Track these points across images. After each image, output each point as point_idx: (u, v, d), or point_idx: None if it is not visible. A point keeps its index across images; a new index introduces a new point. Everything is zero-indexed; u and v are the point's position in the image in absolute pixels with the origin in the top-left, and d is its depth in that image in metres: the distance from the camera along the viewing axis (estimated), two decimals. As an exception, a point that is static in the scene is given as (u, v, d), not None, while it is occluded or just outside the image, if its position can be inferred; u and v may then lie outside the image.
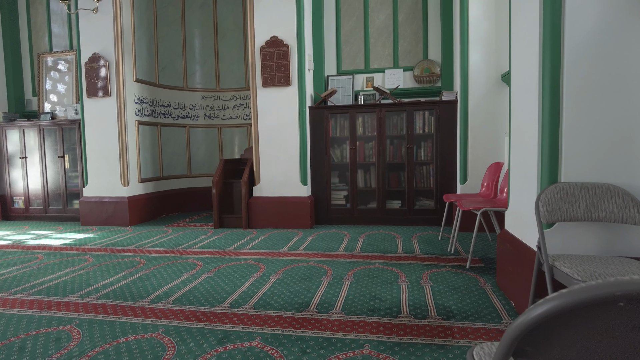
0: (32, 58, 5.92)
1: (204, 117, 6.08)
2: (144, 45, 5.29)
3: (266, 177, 4.57)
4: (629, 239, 1.78)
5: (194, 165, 6.06)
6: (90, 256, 3.53)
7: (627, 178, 1.77)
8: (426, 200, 4.61)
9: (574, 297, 0.48)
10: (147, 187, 5.31)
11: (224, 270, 3.02)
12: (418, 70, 4.96)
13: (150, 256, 3.48)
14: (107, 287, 2.70)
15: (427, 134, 4.52)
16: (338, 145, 4.76)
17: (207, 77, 6.07)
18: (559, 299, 0.49)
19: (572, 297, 0.48)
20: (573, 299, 0.48)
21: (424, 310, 2.18)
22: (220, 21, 6.00)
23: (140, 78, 5.21)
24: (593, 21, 1.78)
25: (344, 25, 5.15)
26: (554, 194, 1.73)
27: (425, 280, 2.68)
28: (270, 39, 4.43)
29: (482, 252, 3.34)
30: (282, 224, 4.52)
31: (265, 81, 4.46)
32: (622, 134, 1.77)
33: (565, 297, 0.49)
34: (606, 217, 1.68)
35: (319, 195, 4.71)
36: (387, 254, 3.36)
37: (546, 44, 1.86)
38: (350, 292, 2.48)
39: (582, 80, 1.80)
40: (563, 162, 1.82)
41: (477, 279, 2.67)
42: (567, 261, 1.54)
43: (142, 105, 5.23)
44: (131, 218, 4.93)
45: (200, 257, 3.40)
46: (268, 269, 3.02)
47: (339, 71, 5.16)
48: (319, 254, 3.40)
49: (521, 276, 2.10)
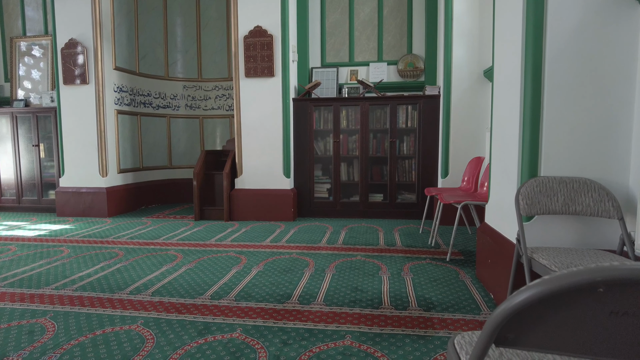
0: (3, 42, 5.70)
1: (185, 107, 5.98)
2: (123, 32, 5.15)
3: (248, 169, 4.53)
4: (603, 232, 1.83)
5: (175, 156, 5.96)
6: (67, 247, 3.44)
7: (603, 173, 1.81)
8: (408, 194, 4.65)
9: (555, 284, 0.48)
10: (127, 178, 5.20)
11: (204, 262, 2.99)
12: (402, 65, 4.98)
13: (129, 248, 3.42)
14: (84, 278, 2.64)
15: (410, 128, 4.55)
16: (322, 138, 4.75)
17: (189, 67, 5.95)
18: (541, 285, 0.49)
19: (554, 283, 0.48)
20: (555, 285, 0.48)
21: (404, 302, 2.20)
22: (203, 10, 5.88)
23: (120, 66, 5.08)
24: (574, 20, 1.81)
25: (328, 17, 5.12)
26: (533, 187, 1.76)
27: (407, 272, 2.70)
28: (254, 29, 4.37)
29: (462, 245, 3.40)
30: (264, 217, 4.50)
31: (249, 71, 4.40)
32: (600, 130, 1.82)
33: (547, 284, 0.49)
34: (583, 211, 1.72)
35: (301, 188, 4.69)
36: (369, 246, 3.38)
37: (529, 41, 1.88)
38: (332, 283, 2.49)
39: (562, 77, 1.83)
40: (543, 156, 1.85)
41: (457, 271, 2.71)
42: (545, 253, 1.58)
43: (121, 94, 5.10)
44: (110, 209, 4.83)
45: (181, 249, 3.35)
46: (249, 261, 3.00)
47: (324, 63, 5.14)
48: (301, 246, 3.40)
49: (500, 268, 2.14)
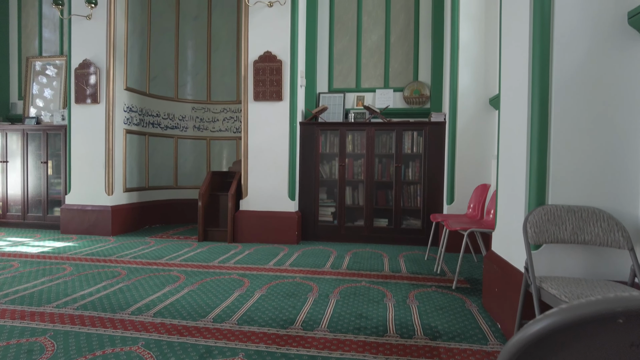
0: (20, 61, 5.85)
1: (193, 129, 6.05)
2: (136, 53, 5.28)
3: (254, 190, 4.54)
4: (614, 262, 1.80)
5: (181, 176, 6.00)
6: (69, 265, 3.42)
7: (611, 202, 1.80)
8: (413, 220, 4.62)
9: (573, 313, 0.47)
10: (132, 197, 5.22)
11: (207, 284, 2.96)
12: (408, 91, 5.04)
13: (132, 267, 3.40)
14: (86, 297, 2.62)
15: (416, 153, 4.57)
16: (327, 161, 4.77)
17: (198, 89, 6.06)
18: (558, 315, 0.48)
19: (572, 313, 0.48)
20: (572, 314, 0.47)
21: (410, 330, 2.16)
22: (214, 33, 6.03)
23: (131, 86, 5.18)
24: (580, 51, 1.84)
25: (336, 44, 5.23)
26: (541, 215, 1.75)
27: (412, 299, 2.66)
28: (263, 54, 4.46)
29: (468, 273, 3.35)
30: (268, 239, 4.47)
31: (257, 95, 4.47)
32: (607, 159, 1.82)
33: (564, 313, 0.48)
34: (592, 240, 1.70)
35: (306, 211, 4.69)
36: (373, 272, 3.34)
37: (535, 70, 1.91)
38: (336, 310, 2.45)
39: (569, 106, 1.84)
40: (550, 184, 1.85)
41: (464, 300, 2.66)
42: (555, 283, 1.55)
43: (131, 114, 5.18)
44: (114, 228, 4.83)
45: (184, 270, 3.33)
46: (253, 284, 2.97)
47: (331, 89, 5.22)
48: (305, 270, 3.37)
49: (508, 297, 2.10)
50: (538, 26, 1.89)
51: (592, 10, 1.83)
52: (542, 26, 1.88)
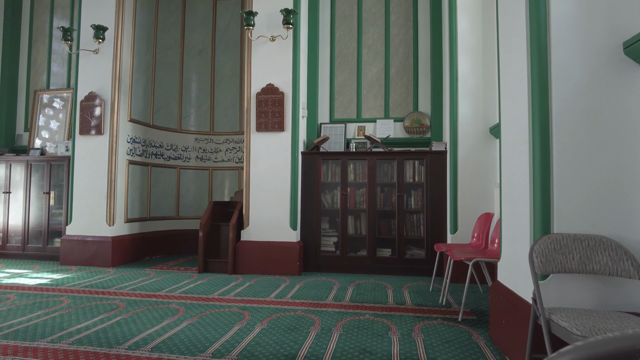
0: (27, 94, 5.96)
1: (196, 159, 6.09)
2: (140, 86, 5.38)
3: (255, 220, 4.51)
4: (624, 292, 1.75)
5: (182, 206, 5.98)
6: (67, 297, 3.36)
7: (618, 230, 1.77)
8: (417, 250, 4.56)
9: (589, 351, 0.45)
10: (133, 228, 5.19)
11: (206, 317, 2.89)
12: (408, 121, 5.09)
13: (130, 299, 3.33)
14: (82, 331, 2.55)
15: (417, 182, 4.56)
16: (329, 190, 4.77)
17: (202, 120, 6.14)
18: (574, 353, 0.46)
19: (588, 351, 0.45)
20: (589, 353, 0.45)
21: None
22: (218, 67, 6.17)
23: (135, 118, 5.25)
24: (578, 80, 1.86)
25: (337, 76, 5.33)
26: (547, 244, 1.72)
27: (417, 332, 2.58)
28: (266, 86, 4.54)
29: (474, 304, 3.27)
30: (269, 270, 4.40)
31: (260, 126, 4.52)
32: (611, 186, 1.80)
33: (580, 352, 0.45)
34: (601, 270, 1.66)
35: (308, 241, 4.63)
36: (377, 304, 3.26)
37: (534, 99, 1.93)
38: (340, 344, 2.37)
39: (570, 134, 1.85)
40: (555, 213, 1.82)
41: (470, 332, 2.58)
42: (565, 315, 1.50)
43: (134, 145, 5.23)
44: (114, 259, 4.77)
45: (183, 303, 3.26)
46: (253, 317, 2.89)
47: (332, 119, 5.28)
48: (306, 302, 3.29)
49: (516, 330, 2.03)
50: (535, 58, 1.93)
51: (588, 41, 1.87)
52: (539, 57, 1.91)
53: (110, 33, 4.85)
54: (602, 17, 1.87)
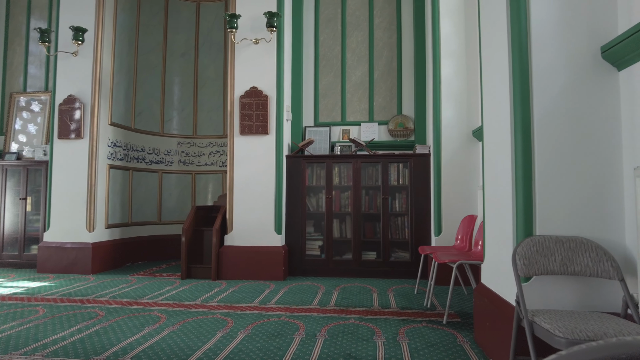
0: (3, 97, 5.79)
1: (179, 163, 6.00)
2: (122, 89, 5.28)
3: (239, 225, 4.45)
4: (604, 293, 1.77)
5: (165, 211, 5.88)
6: (43, 307, 3.25)
7: (598, 232, 1.79)
8: (401, 252, 4.57)
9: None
10: (114, 233, 5.07)
11: (189, 324, 2.83)
12: (392, 125, 5.11)
13: (110, 307, 3.24)
14: (58, 342, 2.46)
15: (402, 185, 4.58)
16: (314, 194, 4.74)
17: (185, 124, 6.06)
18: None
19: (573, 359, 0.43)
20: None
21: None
22: (201, 70, 6.10)
23: (116, 122, 5.14)
24: (559, 84, 1.88)
25: (322, 79, 5.32)
26: (530, 247, 1.72)
27: (402, 336, 2.57)
28: (250, 89, 4.50)
29: (459, 307, 3.28)
30: (253, 275, 4.35)
31: (244, 129, 4.47)
32: (591, 188, 1.82)
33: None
34: (582, 271, 1.68)
35: (293, 245, 4.60)
36: (362, 308, 3.25)
37: (516, 103, 1.94)
38: (324, 350, 2.35)
39: (552, 138, 1.87)
40: (537, 215, 1.84)
41: (455, 335, 2.58)
42: (547, 317, 1.51)
43: (115, 149, 5.12)
44: (94, 266, 4.65)
45: (165, 310, 3.19)
46: (236, 324, 2.84)
47: (317, 122, 5.26)
48: (291, 308, 3.25)
49: (500, 332, 2.04)
50: (517, 61, 1.94)
51: (568, 45, 1.89)
52: (520, 61, 1.93)
53: (90, 35, 4.75)
54: (581, 21, 1.90)
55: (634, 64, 1.77)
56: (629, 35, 1.70)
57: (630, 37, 1.70)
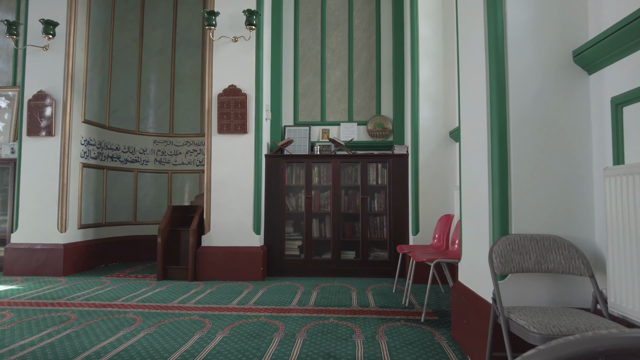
0: (-32, 93, 5.54)
1: (155, 162, 5.87)
2: (96, 86, 5.14)
3: (217, 225, 4.39)
4: (576, 289, 1.83)
5: (140, 211, 5.75)
6: (10, 311, 3.12)
7: (570, 230, 1.85)
8: (380, 252, 4.60)
9: (552, 355, 0.44)
10: (87, 234, 4.93)
11: (165, 326, 2.77)
12: (371, 125, 5.14)
13: (83, 310, 3.14)
14: (26, 347, 2.37)
15: (381, 185, 4.61)
16: (293, 194, 4.73)
17: (161, 122, 5.94)
18: (538, 356, 0.45)
19: (551, 355, 0.44)
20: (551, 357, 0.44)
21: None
22: (178, 68, 5.99)
23: (89, 119, 5.00)
24: (534, 87, 1.93)
25: (301, 79, 5.31)
26: (505, 245, 1.76)
27: (381, 335, 2.59)
28: (228, 87, 4.45)
29: (436, 305, 3.32)
30: (231, 276, 4.30)
31: (222, 128, 4.42)
32: (564, 188, 1.88)
33: (543, 355, 0.45)
34: (555, 269, 1.73)
35: (272, 245, 4.57)
36: (341, 307, 3.26)
37: (493, 106, 1.98)
38: (304, 350, 2.34)
39: (527, 139, 1.91)
40: (513, 214, 1.88)
41: (433, 333, 2.62)
42: (523, 313, 1.54)
43: (88, 147, 4.97)
44: (66, 267, 4.50)
45: (140, 312, 3.11)
46: (214, 325, 2.80)
47: (296, 122, 5.25)
48: (270, 308, 3.23)
49: (477, 329, 2.08)
50: (494, 64, 1.98)
51: (542, 49, 1.95)
52: (497, 64, 1.97)
53: (61, 29, 4.60)
54: (554, 26, 1.95)
55: (604, 69, 1.83)
56: (599, 40, 1.76)
57: (599, 43, 1.77)
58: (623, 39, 1.65)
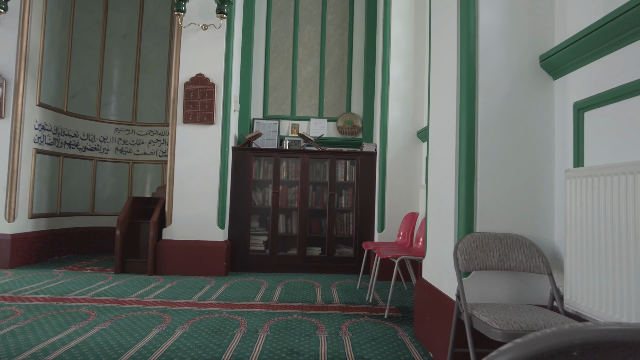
0: None
1: (115, 151, 5.63)
2: (53, 68, 4.85)
3: (179, 218, 4.25)
4: (535, 287, 1.89)
5: (98, 202, 5.50)
6: (-51, 305, 2.90)
7: (531, 230, 1.90)
8: (345, 248, 4.62)
9: (530, 349, 0.43)
10: (39, 224, 4.65)
11: (121, 321, 2.65)
12: (341, 122, 5.14)
13: (31, 305, 2.96)
14: (-34, 343, 2.20)
15: (349, 182, 4.62)
16: (260, 188, 4.65)
17: (124, 109, 5.69)
18: (514, 351, 0.44)
19: (528, 348, 0.43)
20: (529, 350, 0.43)
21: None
22: (144, 54, 5.76)
23: (45, 102, 4.71)
24: (502, 89, 1.97)
25: (272, 72, 5.23)
26: (470, 243, 1.79)
27: (345, 331, 2.58)
28: (195, 76, 4.31)
29: (399, 302, 3.36)
30: (193, 271, 4.18)
31: (187, 117, 4.28)
32: (527, 189, 1.93)
33: (520, 349, 0.43)
34: (516, 267, 1.77)
35: (236, 240, 4.48)
36: (306, 303, 3.23)
37: (463, 105, 2.00)
38: (266, 346, 2.30)
39: (493, 139, 1.95)
40: (478, 212, 1.91)
41: (396, 329, 2.64)
42: (485, 310, 1.57)
43: (43, 132, 4.69)
44: (13, 259, 4.23)
45: (95, 306, 2.97)
46: (174, 320, 2.71)
47: (266, 115, 5.17)
48: (232, 304, 3.16)
49: (439, 326, 2.10)
50: (465, 65, 2.00)
51: (512, 53, 1.99)
52: (468, 65, 1.99)
53: (15, 3, 4.29)
54: (523, 31, 2.00)
55: (568, 74, 1.90)
56: (563, 47, 1.82)
57: (564, 49, 1.82)
58: (586, 47, 1.71)
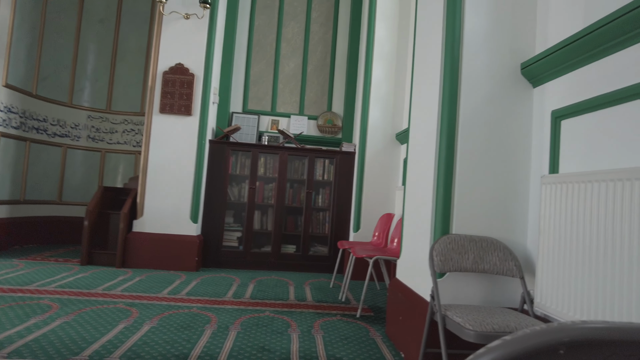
0: None
1: (87, 139, 5.43)
2: (23, 48, 4.63)
3: (151, 210, 4.14)
4: (508, 290, 1.92)
5: (67, 190, 5.29)
6: None
7: (506, 233, 1.94)
8: (320, 247, 4.60)
9: (519, 346, 0.42)
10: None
11: (86, 314, 2.55)
12: (322, 120, 5.13)
13: (-13, 295, 2.81)
14: None
15: (327, 181, 4.61)
16: (237, 183, 4.58)
17: (98, 96, 5.50)
18: (503, 348, 0.42)
19: (517, 345, 0.42)
20: (518, 347, 0.42)
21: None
22: (122, 40, 5.59)
23: (12, 84, 4.50)
24: (483, 95, 2.00)
25: (253, 66, 5.16)
26: (446, 244, 1.80)
27: (317, 329, 2.57)
28: (175, 66, 4.20)
29: (372, 301, 3.37)
30: (163, 265, 4.07)
31: (164, 107, 4.16)
32: (502, 193, 1.96)
33: (509, 346, 0.42)
34: (490, 269, 1.80)
35: (209, 235, 4.39)
36: (278, 301, 3.20)
37: (444, 108, 2.01)
38: (237, 343, 2.25)
39: (472, 143, 1.97)
40: (455, 214, 1.93)
41: (368, 329, 2.64)
42: (458, 311, 1.58)
43: (9, 115, 4.47)
44: (-30, 247, 4.02)
45: (58, 298, 2.84)
46: (142, 314, 2.63)
47: (245, 109, 5.09)
48: (203, 300, 3.09)
49: (412, 326, 2.11)
50: (449, 68, 2.01)
51: (495, 58, 2.02)
52: (452, 68, 2.00)
53: (-15, -21, 4.09)
54: (506, 38, 2.03)
55: (547, 83, 1.94)
56: (544, 56, 1.86)
57: (544, 59, 1.86)
58: (565, 57, 1.75)
